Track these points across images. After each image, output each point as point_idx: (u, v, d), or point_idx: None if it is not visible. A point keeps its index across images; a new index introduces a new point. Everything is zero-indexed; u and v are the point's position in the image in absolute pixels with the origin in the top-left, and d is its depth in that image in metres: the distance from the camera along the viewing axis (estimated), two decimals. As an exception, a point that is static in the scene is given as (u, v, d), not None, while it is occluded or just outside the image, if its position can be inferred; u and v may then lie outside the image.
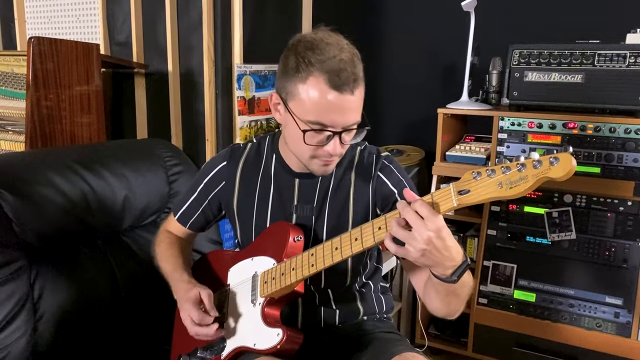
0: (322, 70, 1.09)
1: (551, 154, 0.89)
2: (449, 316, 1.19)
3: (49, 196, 1.57)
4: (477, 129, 2.53)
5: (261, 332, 1.22)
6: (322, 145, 1.15)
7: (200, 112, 2.40)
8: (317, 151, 1.17)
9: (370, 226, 1.08)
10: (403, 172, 1.32)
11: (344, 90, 1.10)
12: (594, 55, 2.04)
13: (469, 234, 2.39)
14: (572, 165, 0.87)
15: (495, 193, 0.93)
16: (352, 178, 1.30)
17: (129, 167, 1.81)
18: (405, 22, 2.85)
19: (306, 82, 1.11)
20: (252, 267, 1.31)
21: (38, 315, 1.49)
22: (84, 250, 1.66)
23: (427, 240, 0.97)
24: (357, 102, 1.14)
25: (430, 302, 1.18)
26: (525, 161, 0.90)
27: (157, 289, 1.67)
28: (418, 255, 1.00)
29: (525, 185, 0.90)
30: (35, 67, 1.98)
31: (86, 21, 2.65)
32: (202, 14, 2.30)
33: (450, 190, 0.98)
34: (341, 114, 1.12)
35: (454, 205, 0.98)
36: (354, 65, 1.12)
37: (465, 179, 0.97)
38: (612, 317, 2.04)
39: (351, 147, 1.32)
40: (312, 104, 1.11)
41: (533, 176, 0.89)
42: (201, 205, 1.44)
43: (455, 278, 1.04)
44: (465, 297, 1.15)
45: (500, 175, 0.93)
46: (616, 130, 2.04)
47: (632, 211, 2.03)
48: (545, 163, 0.88)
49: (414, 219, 0.98)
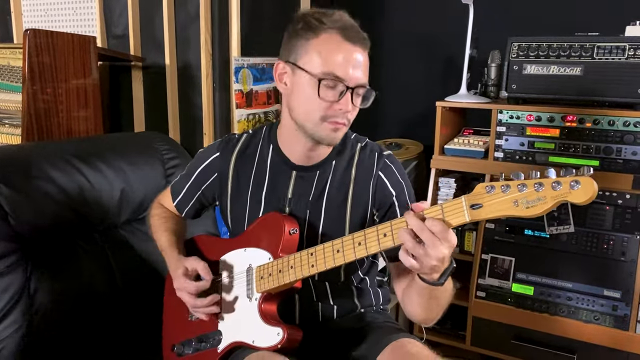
0: (335, 26, 1.15)
1: (569, 173, 0.86)
2: (427, 322, 1.21)
3: (45, 189, 1.57)
4: (475, 122, 2.52)
5: (260, 329, 1.21)
6: (335, 101, 1.15)
7: (197, 106, 2.39)
8: (329, 110, 1.16)
9: (375, 232, 1.05)
10: (403, 173, 1.32)
11: (357, 44, 1.15)
12: (593, 47, 2.03)
13: (467, 227, 2.38)
14: (594, 190, 0.84)
15: (511, 211, 0.90)
16: (353, 175, 1.28)
17: (126, 161, 1.81)
18: (404, 14, 2.83)
19: (319, 36, 1.15)
20: (246, 259, 1.28)
21: (34, 309, 1.48)
22: (81, 244, 1.65)
23: (442, 259, 0.98)
24: (366, 62, 1.18)
25: (410, 307, 1.19)
26: (543, 180, 0.87)
27: (154, 282, 1.67)
28: (428, 269, 1.00)
29: (543, 207, 0.87)
30: (32, 59, 1.97)
31: (83, 14, 2.64)
32: (200, 7, 2.29)
33: (463, 204, 0.95)
34: (354, 67, 1.15)
35: (466, 220, 0.95)
36: (361, 30, 1.18)
37: (478, 192, 0.94)
38: (610, 310, 2.04)
39: (352, 143, 1.32)
40: (328, 54, 1.14)
41: (552, 198, 0.86)
42: (195, 195, 1.43)
43: (442, 281, 1.05)
44: (444, 305, 1.16)
45: (516, 193, 0.89)
46: (615, 123, 2.03)
47: (631, 204, 2.02)
48: (566, 186, 0.85)
49: (431, 239, 0.96)
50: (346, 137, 1.31)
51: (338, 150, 1.29)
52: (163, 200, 1.53)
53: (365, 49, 1.17)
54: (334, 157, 1.29)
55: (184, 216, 1.49)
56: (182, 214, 1.48)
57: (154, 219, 1.49)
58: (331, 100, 1.15)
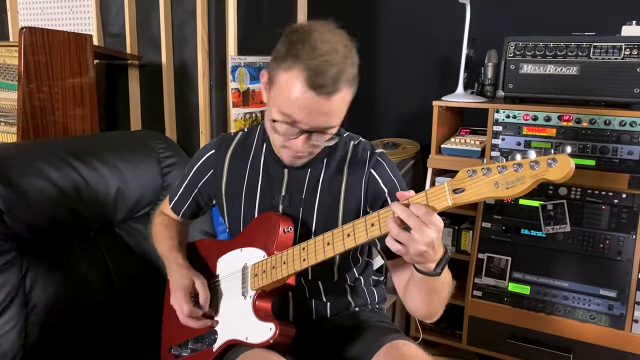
0: (305, 67, 1.05)
1: (548, 154, 0.87)
2: (429, 317, 1.21)
3: (41, 187, 1.56)
4: (472, 121, 2.52)
5: (254, 325, 1.22)
6: (291, 138, 1.14)
7: (194, 104, 2.39)
8: (286, 142, 1.16)
9: (363, 223, 1.07)
10: (396, 170, 1.32)
11: (321, 93, 1.06)
12: (590, 47, 2.04)
13: (464, 227, 2.38)
14: (571, 167, 0.85)
15: (491, 193, 0.92)
16: (345, 173, 1.29)
17: (121, 159, 1.80)
18: (401, 14, 2.83)
19: (288, 72, 1.08)
20: (242, 259, 1.29)
21: (29, 308, 1.48)
22: (77, 242, 1.65)
23: (429, 243, 0.98)
24: (333, 107, 1.09)
25: (411, 302, 1.19)
26: (522, 161, 0.89)
27: (150, 281, 1.68)
28: (416, 255, 1.00)
29: (522, 186, 0.89)
30: (27, 58, 1.97)
31: (79, 12, 2.63)
32: (196, 5, 2.29)
33: (445, 188, 0.97)
34: (312, 115, 1.09)
35: (449, 204, 0.97)
36: (341, 70, 1.07)
37: (460, 177, 0.96)
38: (606, 310, 2.04)
39: (345, 141, 1.32)
40: (287, 96, 1.08)
41: (530, 177, 0.88)
42: (192, 194, 1.44)
43: (439, 271, 1.06)
44: (445, 298, 1.16)
45: (496, 175, 0.91)
46: (611, 122, 2.03)
47: (627, 204, 2.02)
48: (543, 164, 0.87)
49: (416, 223, 0.97)
50: (339, 135, 1.30)
51: (330, 148, 1.28)
52: (164, 209, 1.54)
53: (333, 94, 1.07)
54: (326, 155, 1.29)
55: (180, 216, 1.49)
56: (179, 215, 1.48)
57: (155, 227, 1.50)
58: (287, 135, 1.13)
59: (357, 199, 1.27)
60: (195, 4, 2.28)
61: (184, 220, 1.52)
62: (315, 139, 1.14)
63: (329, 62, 1.06)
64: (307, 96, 1.06)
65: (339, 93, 1.08)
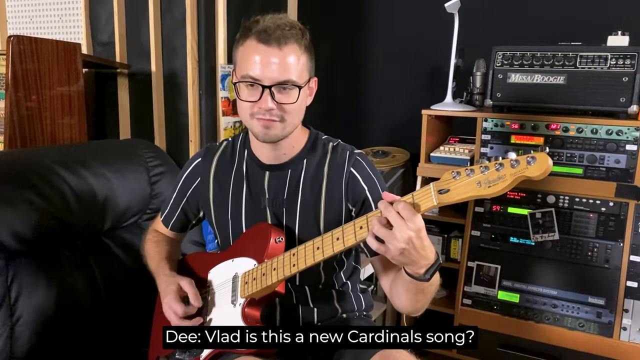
0: (256, 32, 1.17)
1: (528, 154, 0.90)
2: (414, 313, 1.22)
3: (27, 196, 1.55)
4: (461, 130, 2.54)
5: None
6: (256, 100, 1.18)
7: (183, 113, 2.38)
8: (254, 109, 1.20)
9: (352, 225, 1.09)
10: (375, 169, 1.34)
11: (270, 44, 1.16)
12: (576, 57, 2.06)
13: (453, 235, 2.39)
14: (549, 164, 0.88)
15: (474, 192, 0.95)
16: (325, 173, 1.31)
17: (110, 168, 1.79)
18: (389, 23, 2.85)
19: (244, 44, 1.20)
20: (233, 268, 1.30)
21: (15, 318, 1.46)
22: (64, 252, 1.63)
23: (407, 240, 0.99)
24: (284, 57, 1.17)
25: (398, 300, 1.21)
26: (504, 161, 0.92)
27: (138, 291, 1.66)
28: (397, 253, 1.01)
29: (503, 184, 0.92)
30: (15, 66, 1.96)
31: (69, 21, 2.63)
32: (186, 14, 2.29)
33: (431, 189, 0.99)
34: (267, 67, 1.16)
35: (434, 204, 0.99)
36: (290, 26, 1.18)
37: (445, 179, 0.98)
38: (594, 317, 2.05)
39: (323, 143, 1.35)
40: (244, 59, 1.19)
41: (511, 175, 0.91)
42: (180, 204, 1.46)
43: (428, 277, 1.07)
44: (431, 296, 1.18)
45: (479, 175, 0.94)
46: (598, 131, 2.05)
47: (614, 212, 2.04)
48: (523, 162, 0.90)
49: (396, 219, 0.99)
50: (317, 137, 1.35)
51: (309, 149, 1.32)
52: (156, 225, 1.55)
53: (283, 45, 1.17)
54: (305, 155, 1.32)
55: (170, 229, 1.50)
56: (168, 227, 1.49)
57: (147, 245, 1.51)
58: (253, 100, 1.19)
59: (338, 198, 1.29)
60: (185, 13, 2.29)
61: (175, 235, 1.53)
62: (279, 98, 1.19)
63: (275, 22, 1.18)
64: (260, 49, 1.17)
65: (289, 45, 1.17)
